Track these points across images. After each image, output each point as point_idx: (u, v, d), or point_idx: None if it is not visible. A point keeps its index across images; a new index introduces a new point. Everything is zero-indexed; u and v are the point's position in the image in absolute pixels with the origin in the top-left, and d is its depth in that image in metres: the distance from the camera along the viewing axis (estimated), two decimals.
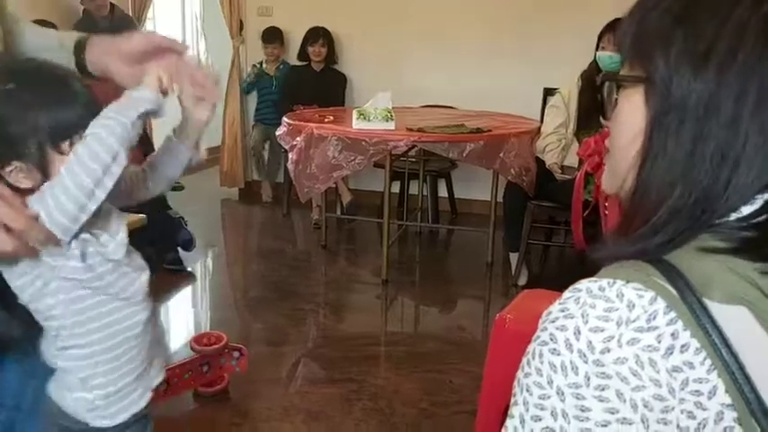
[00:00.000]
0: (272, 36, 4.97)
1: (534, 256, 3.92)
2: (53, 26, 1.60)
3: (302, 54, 4.86)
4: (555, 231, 4.08)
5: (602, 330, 0.58)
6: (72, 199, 0.91)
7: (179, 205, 3.95)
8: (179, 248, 3.68)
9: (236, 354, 2.53)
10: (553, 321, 0.60)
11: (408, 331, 3.21)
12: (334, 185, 4.08)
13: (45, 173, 0.94)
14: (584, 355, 0.57)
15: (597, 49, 3.38)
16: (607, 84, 0.72)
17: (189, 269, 3.75)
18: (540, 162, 3.50)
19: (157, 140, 1.82)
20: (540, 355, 0.60)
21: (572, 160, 3.40)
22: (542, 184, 3.44)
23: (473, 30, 4.78)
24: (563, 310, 0.60)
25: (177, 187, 4.10)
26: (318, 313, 3.31)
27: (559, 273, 4.01)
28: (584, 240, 2.71)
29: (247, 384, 2.53)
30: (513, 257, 3.60)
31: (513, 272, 3.60)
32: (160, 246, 3.51)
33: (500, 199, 3.69)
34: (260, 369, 2.61)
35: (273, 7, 5.13)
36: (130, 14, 4.98)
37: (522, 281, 3.56)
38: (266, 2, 5.14)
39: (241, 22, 5.16)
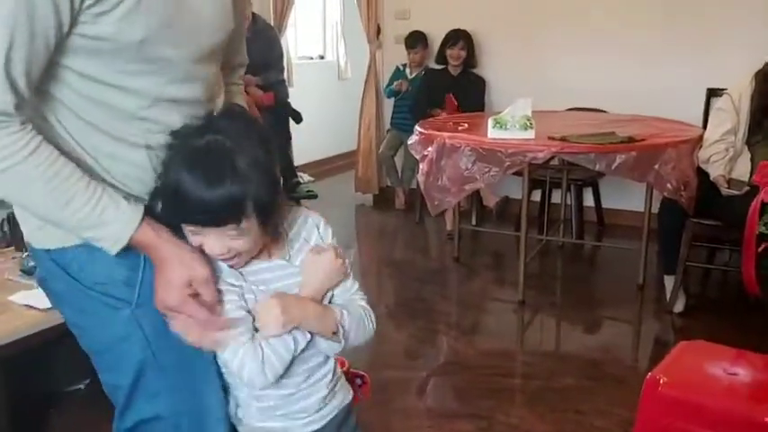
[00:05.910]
0: (415, 40, 4.79)
1: (693, 279, 3.49)
2: None
3: (440, 57, 4.68)
4: (718, 251, 3.62)
5: None
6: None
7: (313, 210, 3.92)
8: None
9: (357, 381, 2.37)
10: None
11: (546, 362, 2.92)
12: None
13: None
14: None
15: None
16: None
17: None
18: (702, 173, 3.10)
19: None
20: None
21: (740, 172, 2.98)
22: (704, 198, 3.03)
23: (622, 22, 4.38)
24: None
25: (311, 195, 4.07)
26: (449, 335, 3.12)
27: (723, 300, 3.54)
28: (758, 281, 2.33)
29: (369, 411, 2.39)
30: (669, 281, 3.21)
31: (668, 297, 3.21)
32: None
33: (655, 210, 3.32)
34: (384, 395, 2.47)
35: (411, 10, 5.00)
36: (271, 23, 5.05)
37: (679, 307, 3.17)
38: (404, 5, 5.02)
39: (378, 26, 5.07)
